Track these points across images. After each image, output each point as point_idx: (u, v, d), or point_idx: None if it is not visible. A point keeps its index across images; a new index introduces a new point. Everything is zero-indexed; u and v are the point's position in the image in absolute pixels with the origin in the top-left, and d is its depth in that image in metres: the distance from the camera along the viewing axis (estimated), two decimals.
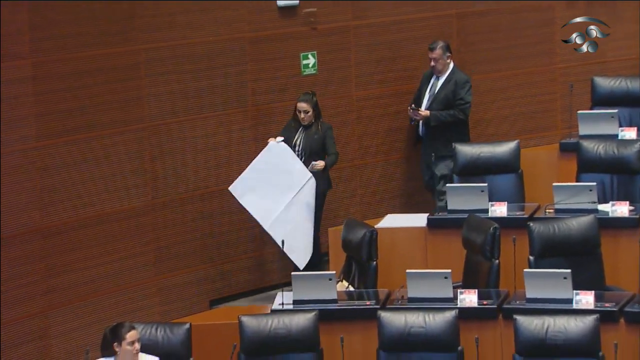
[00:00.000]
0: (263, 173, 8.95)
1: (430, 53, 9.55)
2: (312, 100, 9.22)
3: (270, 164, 8.97)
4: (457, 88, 9.52)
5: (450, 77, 9.54)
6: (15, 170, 8.41)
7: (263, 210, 8.91)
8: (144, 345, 7.34)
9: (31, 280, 8.50)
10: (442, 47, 9.52)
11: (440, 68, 9.54)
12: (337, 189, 9.96)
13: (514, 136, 9.96)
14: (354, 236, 8.41)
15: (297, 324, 7.47)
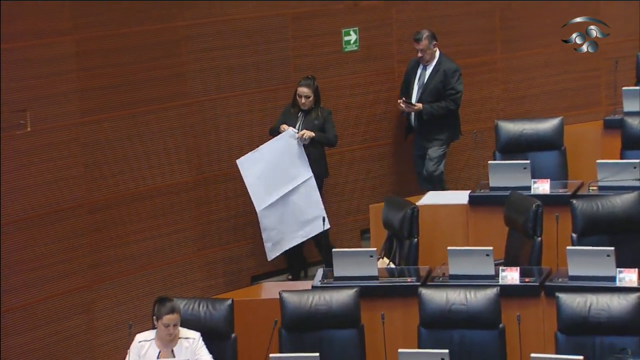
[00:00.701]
0: (271, 158, 8.96)
1: (416, 44, 9.41)
2: (313, 85, 9.15)
3: (280, 151, 8.97)
4: (446, 78, 9.41)
5: (438, 67, 9.43)
6: (60, 146, 8.49)
7: (259, 194, 8.96)
8: (186, 320, 7.39)
9: (77, 255, 8.59)
10: (428, 36, 9.39)
11: (428, 58, 9.43)
12: (379, 165, 9.96)
13: (557, 113, 9.88)
14: (395, 213, 8.40)
15: (338, 300, 7.48)
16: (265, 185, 8.96)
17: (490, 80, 10.30)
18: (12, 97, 8.21)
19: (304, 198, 9.03)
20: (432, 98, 9.40)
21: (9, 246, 8.23)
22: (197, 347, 7.22)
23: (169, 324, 7.10)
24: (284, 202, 9.00)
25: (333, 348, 7.40)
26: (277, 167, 8.96)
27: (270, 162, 8.96)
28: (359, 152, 9.90)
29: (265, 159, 8.96)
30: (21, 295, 8.30)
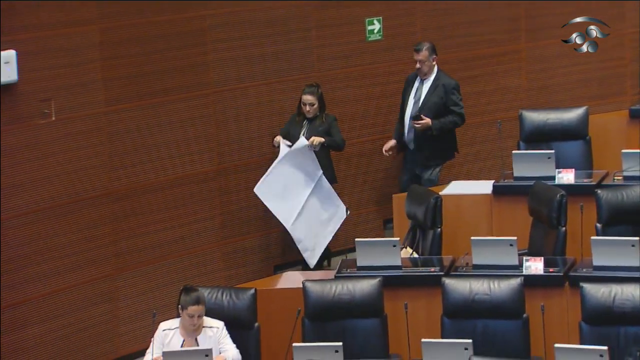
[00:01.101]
0: (284, 172, 8.91)
1: (416, 54, 9.17)
2: (317, 92, 9.09)
3: (291, 162, 8.91)
4: (447, 94, 9.13)
5: (437, 82, 9.17)
6: (83, 135, 8.51)
7: (285, 211, 8.92)
8: (209, 309, 7.39)
9: (99, 244, 8.61)
10: (428, 48, 9.14)
11: (426, 70, 9.16)
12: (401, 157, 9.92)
13: (581, 102, 9.83)
14: (418, 203, 8.38)
15: (361, 290, 7.47)
16: (287, 201, 8.92)
17: (514, 69, 10.26)
18: (36, 87, 8.23)
19: (320, 196, 9.00)
20: (432, 114, 9.11)
21: (31, 235, 8.25)
22: (220, 336, 7.22)
23: (194, 314, 7.11)
24: (306, 208, 8.96)
25: (356, 337, 7.39)
26: (293, 180, 8.92)
27: (287, 177, 8.91)
28: (381, 142, 9.87)
29: (281, 176, 8.90)
30: (43, 285, 8.32)
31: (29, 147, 8.25)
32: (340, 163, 9.70)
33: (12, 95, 8.12)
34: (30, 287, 8.25)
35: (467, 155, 10.17)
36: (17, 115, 8.17)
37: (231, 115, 9.28)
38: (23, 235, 8.21)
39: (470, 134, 10.19)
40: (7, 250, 8.11)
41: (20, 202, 8.20)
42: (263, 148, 9.40)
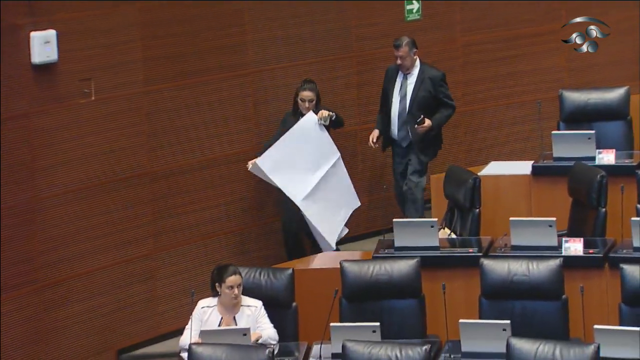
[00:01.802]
0: (293, 147, 8.69)
1: (396, 51, 8.89)
2: (316, 88, 8.87)
3: (299, 139, 8.69)
4: (435, 87, 8.87)
5: (422, 76, 8.90)
6: (123, 114, 8.54)
7: (293, 186, 8.66)
8: (247, 288, 7.42)
9: (139, 224, 8.65)
10: (408, 43, 8.87)
11: (408, 65, 8.90)
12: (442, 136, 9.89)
13: (621, 82, 9.73)
14: (457, 183, 8.34)
15: (399, 270, 7.46)
16: (297, 176, 8.67)
17: (554, 49, 10.17)
18: (76, 66, 8.26)
19: (335, 180, 8.82)
20: (422, 108, 8.86)
21: (71, 214, 8.30)
22: (258, 315, 7.24)
23: (233, 285, 7.14)
24: (319, 189, 8.75)
25: (393, 318, 7.38)
26: (306, 157, 8.71)
27: (296, 153, 8.68)
28: None
29: (288, 152, 8.66)
30: (82, 263, 8.38)
31: (69, 127, 8.29)
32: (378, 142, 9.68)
33: (52, 75, 8.17)
34: (70, 265, 8.31)
35: (506, 135, 10.11)
36: (57, 95, 8.21)
37: (269, 95, 9.27)
38: (62, 215, 8.27)
39: (510, 114, 10.12)
40: (47, 230, 8.18)
41: (60, 181, 8.25)
42: None
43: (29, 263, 8.08)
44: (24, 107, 8.06)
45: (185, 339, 7.16)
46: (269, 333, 7.20)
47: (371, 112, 9.69)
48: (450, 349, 7.03)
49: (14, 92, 7.99)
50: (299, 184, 8.70)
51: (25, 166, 8.08)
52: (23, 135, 8.07)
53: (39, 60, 8.05)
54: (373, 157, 9.65)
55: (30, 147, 8.10)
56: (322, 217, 8.74)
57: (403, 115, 8.94)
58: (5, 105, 7.94)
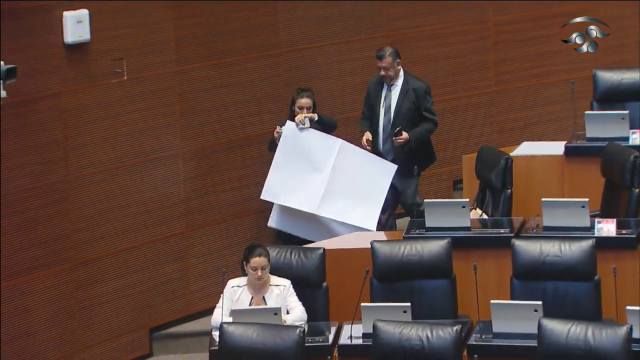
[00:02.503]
0: (287, 164, 8.46)
1: (379, 62, 8.59)
2: (313, 95, 8.62)
3: (290, 152, 8.45)
4: (418, 99, 8.59)
5: (406, 87, 8.63)
6: (155, 94, 8.56)
7: (305, 199, 8.43)
8: (278, 268, 7.43)
9: (171, 203, 8.68)
10: (391, 53, 8.58)
11: (392, 76, 8.61)
12: (474, 116, 9.86)
13: None
14: (488, 163, 8.31)
15: (430, 251, 7.45)
16: (304, 188, 8.44)
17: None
18: (108, 46, 8.29)
19: (349, 163, 8.46)
20: (407, 121, 8.59)
21: (103, 193, 8.34)
22: (287, 294, 7.26)
23: (257, 266, 7.16)
24: (332, 183, 8.44)
25: (424, 298, 7.38)
26: (304, 165, 8.43)
27: (293, 168, 8.43)
28: (451, 102, 9.81)
29: (285, 170, 8.44)
30: (115, 242, 8.42)
31: (101, 106, 8.32)
32: None
33: (85, 55, 8.19)
34: (102, 244, 8.36)
35: (539, 116, 10.06)
36: (89, 75, 8.24)
37: (300, 75, 9.26)
38: (95, 193, 8.31)
39: (543, 94, 10.06)
40: (80, 208, 8.23)
41: (92, 160, 8.29)
42: (333, 108, 9.38)
43: (62, 241, 8.14)
44: (57, 87, 8.09)
45: (216, 318, 7.19)
46: (298, 312, 7.21)
47: None
48: (482, 329, 7.02)
49: (46, 71, 8.02)
50: (310, 194, 8.45)
51: (58, 145, 8.13)
52: (56, 115, 8.11)
53: (71, 39, 8.08)
54: None
55: (63, 126, 8.15)
56: (350, 208, 8.51)
57: (388, 128, 8.63)
58: (39, 84, 7.98)
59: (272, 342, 6.69)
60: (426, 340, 6.63)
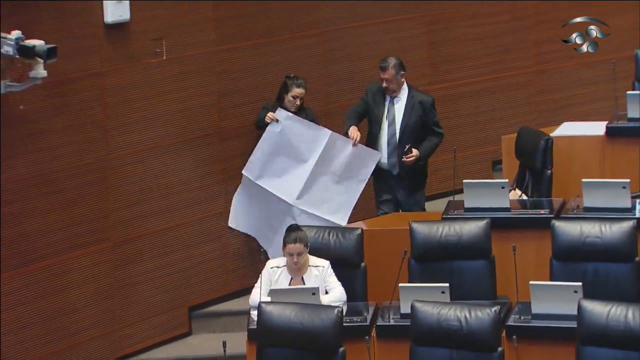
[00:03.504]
0: (275, 150, 8.31)
1: (382, 73, 8.32)
2: (305, 84, 8.43)
3: (280, 137, 8.30)
4: (425, 112, 8.33)
5: (411, 101, 8.34)
6: (194, 74, 8.58)
7: (286, 188, 8.30)
8: (316, 248, 7.43)
9: (210, 182, 8.71)
10: (395, 65, 8.29)
11: (395, 88, 8.33)
12: (514, 96, 9.80)
13: None
14: (528, 144, 8.26)
15: (469, 231, 7.43)
16: (286, 174, 8.30)
17: (627, 8, 9.99)
18: (147, 26, 8.31)
19: (335, 153, 8.32)
20: (414, 135, 8.34)
21: (143, 173, 8.38)
22: (326, 275, 7.27)
23: (293, 253, 7.17)
24: (316, 173, 8.31)
25: (463, 278, 7.36)
26: (289, 154, 8.30)
27: (279, 150, 8.30)
28: (490, 82, 9.75)
29: (271, 152, 8.29)
30: (155, 221, 8.47)
31: (140, 86, 8.35)
32: (450, 103, 9.61)
33: (124, 35, 8.22)
34: (142, 224, 8.40)
35: (580, 96, 9.98)
36: (129, 54, 8.27)
37: (339, 55, 9.24)
38: (135, 173, 8.35)
39: (584, 74, 9.98)
40: (120, 188, 8.27)
41: (131, 140, 8.33)
42: None
43: (102, 220, 8.19)
44: (97, 67, 8.13)
45: (254, 297, 7.22)
46: (337, 292, 7.22)
47: (443, 72, 9.64)
48: (520, 310, 7.00)
49: (87, 51, 8.06)
50: (292, 183, 8.31)
51: (98, 125, 8.17)
52: (96, 95, 8.15)
53: (111, 19, 8.11)
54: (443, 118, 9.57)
55: (103, 106, 8.19)
56: (325, 199, 8.34)
57: (393, 141, 8.35)
58: (79, 64, 8.02)
59: (309, 321, 6.70)
60: (465, 321, 6.61)
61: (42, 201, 7.89)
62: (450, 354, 6.62)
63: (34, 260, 7.84)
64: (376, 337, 7.01)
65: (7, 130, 7.67)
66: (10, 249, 7.73)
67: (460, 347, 6.61)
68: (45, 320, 7.90)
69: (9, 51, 7.31)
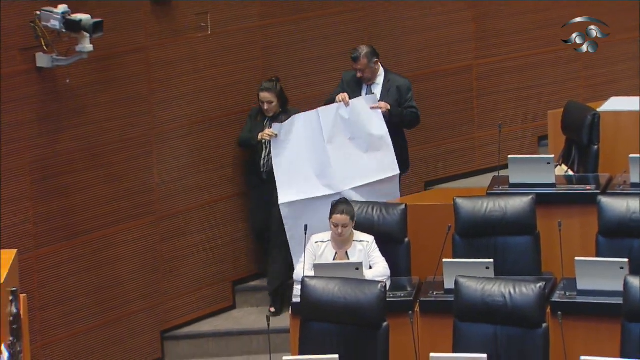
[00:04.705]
0: (288, 162, 8.00)
1: (354, 64, 8.10)
2: (276, 88, 8.16)
3: (286, 148, 8.02)
4: (401, 95, 8.13)
5: (388, 85, 8.13)
6: (239, 49, 8.58)
7: (321, 184, 7.94)
8: (360, 223, 7.44)
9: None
10: (367, 54, 8.06)
11: (369, 76, 8.09)
12: (560, 71, 9.71)
13: None
14: (575, 119, 8.20)
15: (514, 207, 7.39)
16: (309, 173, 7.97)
17: None
18: (193, 0, 8.32)
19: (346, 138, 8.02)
20: (391, 118, 8.08)
21: (187, 147, 8.40)
22: (370, 250, 7.27)
23: (338, 224, 7.18)
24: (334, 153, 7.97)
25: (508, 254, 7.33)
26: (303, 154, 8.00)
27: (295, 161, 7.97)
28: (537, 57, 9.67)
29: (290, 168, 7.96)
30: (199, 196, 8.50)
31: (185, 61, 8.37)
32: (496, 78, 9.55)
33: (170, 9, 8.23)
34: (187, 198, 8.44)
35: (627, 70, 9.87)
36: (174, 29, 8.29)
37: (384, 30, 9.20)
38: (179, 147, 8.38)
39: (631, 49, 9.87)
40: (165, 161, 8.30)
41: (176, 114, 8.36)
42: (419, 62, 9.31)
43: (148, 194, 8.24)
44: (143, 41, 8.16)
45: (299, 271, 7.24)
46: (381, 267, 7.22)
47: (489, 46, 9.58)
48: (565, 286, 6.96)
49: (133, 26, 8.09)
50: (323, 176, 7.95)
51: (143, 99, 8.20)
52: (141, 69, 8.18)
53: None
54: (488, 93, 9.53)
55: (149, 80, 8.22)
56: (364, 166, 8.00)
57: None
58: (125, 38, 8.05)
59: (353, 296, 6.71)
60: (509, 297, 6.59)
61: (88, 175, 7.95)
62: (494, 329, 6.60)
63: (81, 233, 7.91)
64: (420, 313, 7.01)
65: (54, 104, 7.73)
66: (57, 222, 7.80)
67: (505, 323, 6.59)
68: (92, 293, 7.97)
69: (55, 25, 7.35)
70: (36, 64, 7.55)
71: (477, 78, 9.50)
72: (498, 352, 6.54)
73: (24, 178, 7.60)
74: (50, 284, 7.77)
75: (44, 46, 7.44)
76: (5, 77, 7.45)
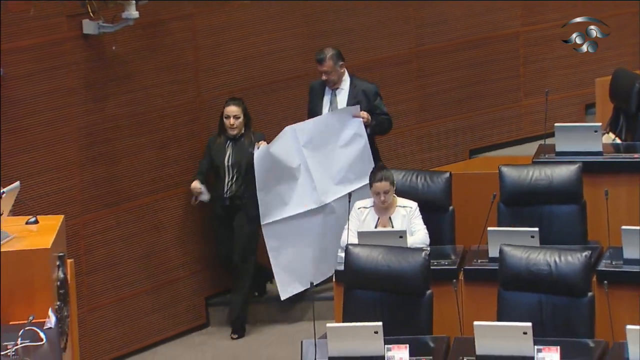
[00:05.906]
0: (270, 182, 7.84)
1: (319, 66, 7.93)
2: (243, 104, 8.00)
3: (266, 169, 7.84)
4: (369, 100, 7.94)
5: (354, 90, 7.97)
6: (282, 17, 8.56)
7: (303, 199, 7.85)
8: (404, 191, 7.42)
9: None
10: (332, 56, 7.92)
11: (335, 79, 7.95)
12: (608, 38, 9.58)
13: None
14: (622, 86, 8.11)
15: (560, 175, 7.34)
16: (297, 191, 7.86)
17: None
18: None
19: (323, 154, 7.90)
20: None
21: None
22: (412, 216, 7.26)
23: (379, 191, 7.18)
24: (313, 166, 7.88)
25: (553, 223, 7.29)
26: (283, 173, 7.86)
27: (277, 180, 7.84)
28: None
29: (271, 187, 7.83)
30: None
31: (227, 28, 8.37)
32: (544, 45, 9.46)
33: None
34: None
35: None
36: None
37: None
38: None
39: None
40: (211, 130, 8.30)
41: (222, 81, 8.37)
42: (465, 30, 9.25)
43: (193, 161, 8.27)
44: (189, 8, 8.17)
45: (343, 238, 7.25)
46: (421, 234, 7.21)
47: (537, 13, 9.48)
48: (612, 255, 6.91)
49: None
50: (306, 191, 7.85)
51: (189, 66, 8.22)
52: (187, 36, 8.19)
53: None
54: (535, 60, 9.44)
55: (194, 47, 8.23)
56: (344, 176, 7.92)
57: None
58: (170, 5, 8.06)
59: (397, 264, 6.71)
60: (554, 266, 6.56)
61: (134, 141, 7.99)
62: (539, 298, 6.57)
63: (127, 199, 7.97)
64: (464, 281, 7.00)
65: (100, 71, 7.77)
66: (104, 189, 7.86)
67: (550, 292, 6.56)
68: (137, 259, 8.04)
69: None
70: (82, 31, 7.58)
71: (523, 45, 9.42)
72: (543, 321, 6.51)
73: (71, 144, 7.67)
74: (97, 249, 7.84)
75: (91, 13, 7.48)
76: (53, 44, 7.50)
